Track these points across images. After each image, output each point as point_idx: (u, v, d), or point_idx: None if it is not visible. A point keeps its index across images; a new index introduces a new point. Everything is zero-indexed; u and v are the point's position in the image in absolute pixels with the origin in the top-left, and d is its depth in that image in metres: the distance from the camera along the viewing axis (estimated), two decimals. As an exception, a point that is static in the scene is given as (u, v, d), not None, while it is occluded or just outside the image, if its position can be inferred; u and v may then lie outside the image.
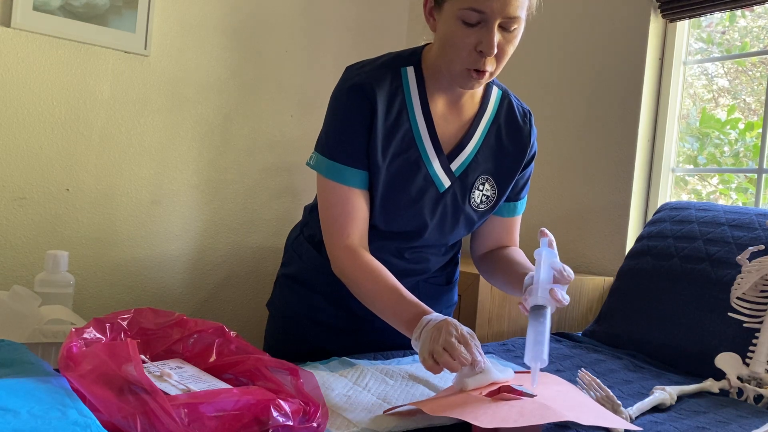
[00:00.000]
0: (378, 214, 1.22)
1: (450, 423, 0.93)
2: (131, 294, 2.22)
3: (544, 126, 2.43)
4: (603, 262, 2.20)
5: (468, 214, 1.27)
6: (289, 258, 1.42)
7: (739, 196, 2.13)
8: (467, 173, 1.24)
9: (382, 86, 1.17)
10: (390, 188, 1.20)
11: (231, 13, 2.35)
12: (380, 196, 1.20)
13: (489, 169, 1.26)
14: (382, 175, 1.19)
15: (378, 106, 1.16)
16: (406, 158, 1.20)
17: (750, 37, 2.13)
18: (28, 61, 1.99)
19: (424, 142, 1.20)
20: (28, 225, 2.03)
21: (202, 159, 2.33)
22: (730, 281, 1.45)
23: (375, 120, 1.16)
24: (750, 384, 1.26)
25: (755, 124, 2.08)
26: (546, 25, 2.42)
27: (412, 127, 1.19)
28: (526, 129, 1.29)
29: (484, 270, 1.38)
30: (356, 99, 1.16)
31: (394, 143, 1.19)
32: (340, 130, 1.18)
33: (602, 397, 1.05)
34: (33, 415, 0.67)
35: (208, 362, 0.94)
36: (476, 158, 1.25)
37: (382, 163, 1.18)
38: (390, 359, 1.26)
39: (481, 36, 1.07)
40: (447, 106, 1.23)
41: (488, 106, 1.26)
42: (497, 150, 1.27)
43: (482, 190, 1.26)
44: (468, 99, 1.24)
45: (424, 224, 1.24)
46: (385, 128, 1.18)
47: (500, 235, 1.36)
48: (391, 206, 1.21)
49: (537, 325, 0.98)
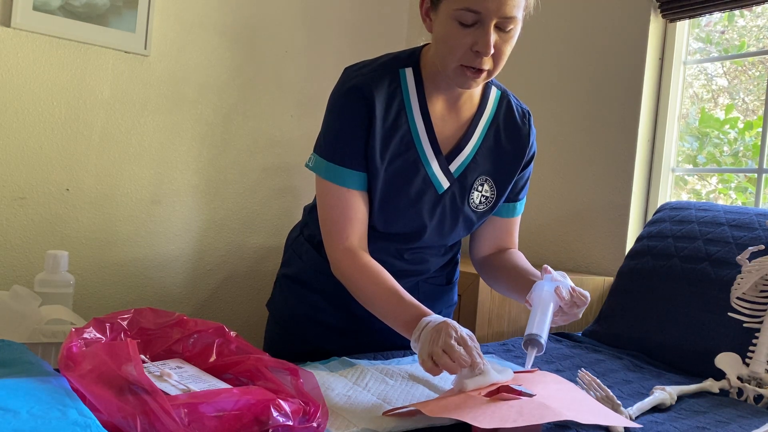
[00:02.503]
0: (377, 216, 1.21)
1: (450, 423, 0.93)
2: (131, 294, 2.22)
3: (544, 126, 2.43)
4: (603, 262, 2.20)
5: (467, 215, 1.27)
6: (289, 258, 1.41)
7: (739, 196, 2.13)
8: (466, 174, 1.24)
9: (381, 88, 1.17)
10: (389, 190, 1.19)
11: (231, 13, 2.35)
12: (379, 198, 1.19)
13: (488, 170, 1.26)
14: (381, 176, 1.18)
15: (376, 108, 1.15)
16: (404, 160, 1.19)
17: (748, 37, 2.13)
18: (28, 61, 1.99)
19: (422, 144, 1.20)
20: (28, 225, 2.03)
21: (202, 159, 2.33)
22: (730, 281, 1.45)
23: (373, 122, 1.15)
24: (750, 384, 1.26)
25: (754, 123, 2.08)
26: (546, 25, 2.42)
27: (410, 129, 1.19)
28: (525, 129, 1.28)
29: (486, 275, 1.37)
30: (354, 101, 1.16)
31: (393, 145, 1.18)
32: (338, 132, 1.18)
33: (602, 397, 1.05)
34: (33, 415, 0.67)
35: (208, 362, 0.94)
36: (475, 159, 1.24)
37: (380, 164, 1.18)
38: (390, 359, 1.26)
39: (477, 36, 1.07)
40: (446, 106, 1.22)
41: (487, 107, 1.26)
42: (496, 150, 1.26)
43: (481, 191, 1.25)
44: (467, 99, 1.23)
45: (423, 225, 1.24)
46: (383, 130, 1.17)
47: (500, 236, 1.35)
48: (390, 207, 1.21)
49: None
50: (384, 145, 1.18)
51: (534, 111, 2.49)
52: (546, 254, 2.38)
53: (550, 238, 2.38)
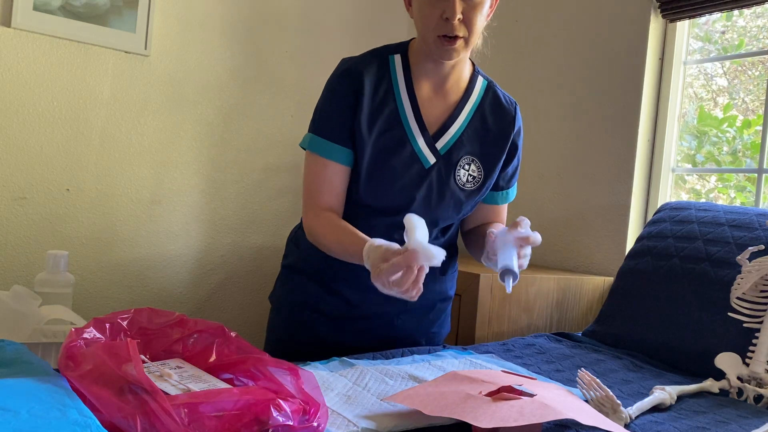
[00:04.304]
0: (365, 187, 1.28)
1: (450, 423, 0.93)
2: (131, 294, 2.22)
3: (545, 126, 2.43)
4: (603, 262, 2.20)
5: (454, 193, 1.31)
6: (288, 251, 1.47)
7: (738, 195, 2.13)
8: (452, 152, 1.31)
9: (370, 70, 1.28)
10: (376, 162, 1.28)
11: (231, 12, 2.35)
12: (366, 169, 1.27)
13: (474, 151, 1.33)
14: (369, 149, 1.26)
15: (365, 86, 1.26)
16: (392, 135, 1.28)
17: (748, 37, 2.13)
18: (28, 61, 2.00)
19: (408, 121, 1.29)
20: (28, 225, 2.03)
21: (203, 159, 2.33)
22: (730, 281, 1.45)
23: (361, 98, 1.26)
24: (750, 384, 1.26)
25: (752, 121, 2.08)
26: (546, 25, 2.42)
27: (397, 107, 1.28)
28: (511, 114, 1.37)
29: (466, 242, 1.46)
30: (344, 81, 1.28)
31: (381, 120, 1.27)
32: (327, 110, 1.29)
33: (602, 397, 1.05)
34: (33, 415, 0.67)
35: (208, 362, 0.94)
36: (461, 139, 1.32)
37: (368, 137, 1.26)
38: (390, 359, 1.27)
39: (445, 6, 1.18)
40: (432, 90, 1.31)
41: (473, 93, 1.34)
42: (482, 133, 1.34)
43: (468, 170, 1.32)
44: (453, 84, 1.32)
45: (410, 198, 1.29)
46: (371, 106, 1.27)
47: (488, 217, 1.42)
48: (377, 178, 1.28)
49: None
50: (371, 121, 1.27)
51: (534, 111, 2.50)
52: (546, 254, 2.38)
53: (550, 238, 2.38)
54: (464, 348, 1.44)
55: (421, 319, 1.41)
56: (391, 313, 1.37)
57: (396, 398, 0.96)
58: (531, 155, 2.46)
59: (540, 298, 1.97)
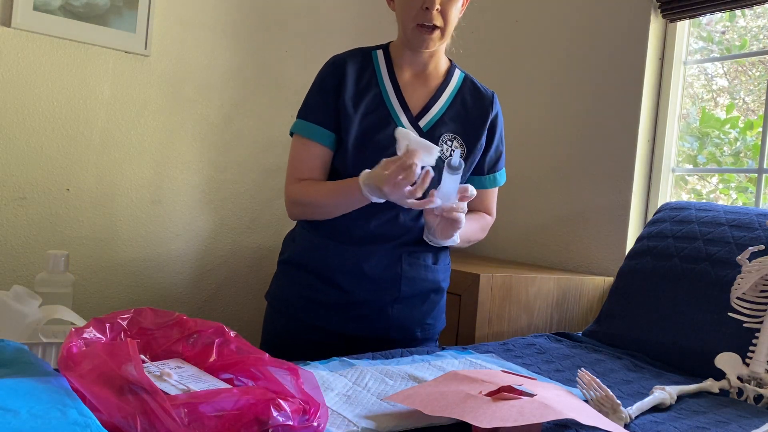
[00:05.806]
0: (352, 162, 1.36)
1: (450, 423, 0.93)
2: (131, 294, 2.22)
3: (545, 126, 2.43)
4: (603, 262, 2.20)
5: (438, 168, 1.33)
6: (285, 248, 1.52)
7: (739, 196, 2.13)
8: (434, 129, 1.40)
9: (354, 61, 1.41)
10: (363, 138, 1.36)
11: (231, 12, 2.35)
12: (353, 144, 1.36)
13: (456, 130, 1.42)
14: (355, 127, 1.36)
15: (348, 73, 1.39)
16: (376, 115, 1.38)
17: (749, 36, 2.13)
18: (28, 61, 1.99)
19: (391, 101, 1.40)
20: (28, 225, 2.03)
21: (203, 159, 2.33)
22: (730, 281, 1.45)
23: (345, 83, 1.38)
24: (750, 384, 1.26)
25: (755, 123, 2.08)
26: (546, 25, 2.42)
27: (381, 91, 1.40)
28: (489, 99, 1.48)
29: None
30: (329, 70, 1.40)
31: (364, 103, 1.38)
32: (313, 96, 1.41)
33: (602, 396, 1.05)
34: (33, 415, 0.67)
35: (208, 362, 0.94)
36: (443, 118, 1.42)
37: (353, 114, 1.36)
38: (390, 359, 1.27)
39: None
40: (413, 76, 1.43)
41: (451, 81, 1.46)
42: (463, 113, 1.44)
43: (450, 146, 1.40)
44: (432, 71, 1.44)
45: None
46: (355, 89, 1.38)
47: (476, 203, 1.47)
48: (364, 152, 1.35)
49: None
50: (356, 102, 1.38)
51: (534, 111, 2.50)
52: (546, 254, 2.38)
53: (550, 238, 2.37)
54: (464, 348, 1.44)
55: (415, 309, 1.44)
56: (385, 301, 1.40)
57: (396, 398, 0.96)
58: (531, 155, 2.46)
59: (540, 298, 1.97)
